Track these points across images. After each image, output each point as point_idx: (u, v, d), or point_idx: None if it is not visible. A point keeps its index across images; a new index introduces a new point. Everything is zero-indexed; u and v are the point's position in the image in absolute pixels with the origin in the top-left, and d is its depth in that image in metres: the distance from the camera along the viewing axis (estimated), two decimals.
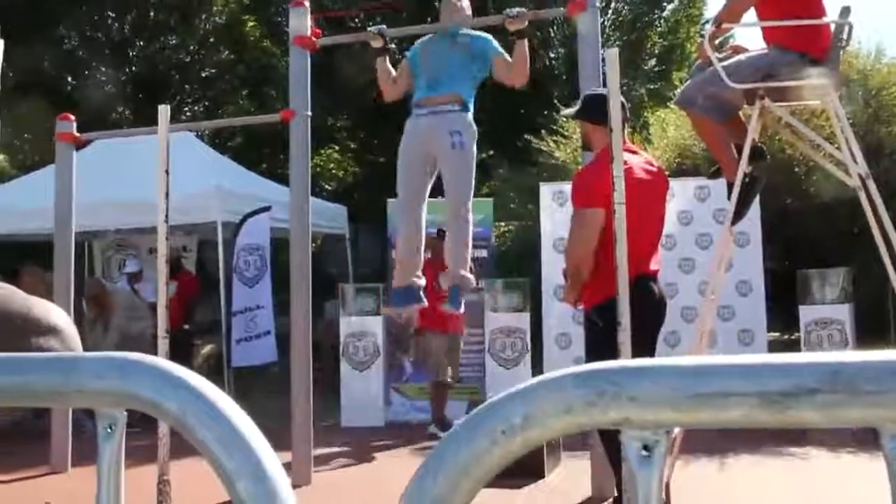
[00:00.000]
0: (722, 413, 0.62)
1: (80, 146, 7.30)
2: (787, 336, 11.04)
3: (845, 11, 4.40)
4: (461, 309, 5.19)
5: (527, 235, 10.86)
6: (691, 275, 8.38)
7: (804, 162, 9.73)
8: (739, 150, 4.45)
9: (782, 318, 9.84)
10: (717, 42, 4.66)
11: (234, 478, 0.67)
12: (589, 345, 4.36)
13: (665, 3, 21.22)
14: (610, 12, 20.17)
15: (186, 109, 21.22)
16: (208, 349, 12.57)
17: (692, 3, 21.27)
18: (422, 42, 5.32)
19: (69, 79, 19.81)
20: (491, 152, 16.70)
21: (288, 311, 6.21)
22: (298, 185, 6.14)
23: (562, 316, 8.21)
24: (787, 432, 6.11)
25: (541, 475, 5.69)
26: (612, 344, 3.90)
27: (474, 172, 4.95)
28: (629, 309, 3.85)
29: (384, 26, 5.28)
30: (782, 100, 4.53)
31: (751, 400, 0.60)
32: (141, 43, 20.79)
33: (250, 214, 9.80)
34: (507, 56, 5.09)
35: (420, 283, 5.08)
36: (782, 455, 6.32)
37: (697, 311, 7.42)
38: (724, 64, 4.42)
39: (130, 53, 20.77)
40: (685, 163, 10.77)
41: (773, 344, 8.93)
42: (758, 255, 8.33)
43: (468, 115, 4.94)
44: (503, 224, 11.91)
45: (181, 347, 9.30)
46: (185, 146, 9.44)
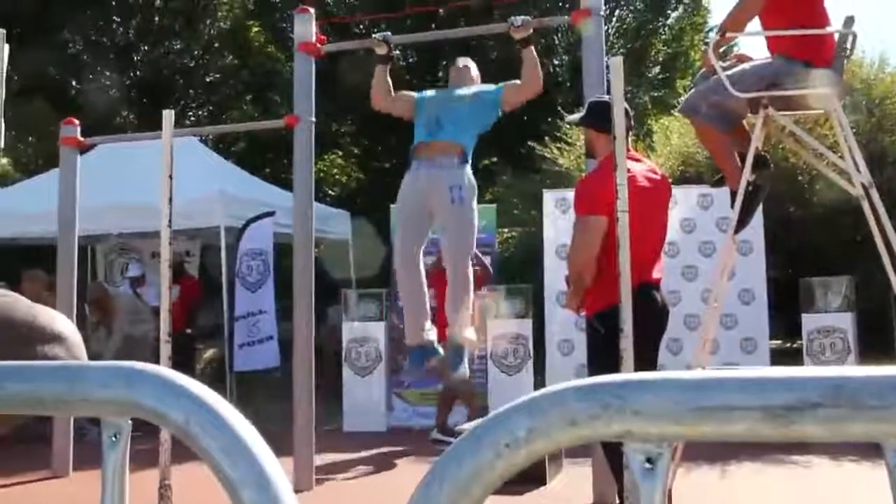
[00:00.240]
0: (725, 427, 0.62)
1: (83, 150, 7.32)
2: (789, 344, 11.03)
3: (849, 21, 4.41)
4: (464, 370, 4.99)
5: (530, 242, 10.86)
6: (694, 282, 8.38)
7: (807, 171, 9.73)
8: (743, 158, 4.46)
9: (785, 327, 9.84)
10: (721, 51, 4.67)
11: (237, 487, 0.68)
12: (590, 352, 4.36)
13: (669, 11, 21.25)
14: (614, 20, 20.20)
15: (190, 114, 21.27)
16: (211, 353, 12.58)
17: (696, 11, 21.29)
18: (432, 92, 5.24)
19: (73, 83, 19.85)
20: (494, 159, 16.72)
21: (290, 317, 6.21)
22: (302, 190, 6.15)
23: (564, 322, 8.21)
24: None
25: (543, 482, 5.69)
26: (613, 351, 3.90)
27: (476, 228, 4.85)
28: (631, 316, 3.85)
29: (389, 33, 5.27)
30: (786, 109, 4.53)
31: (754, 414, 0.60)
32: (145, 47, 20.83)
33: (253, 219, 9.81)
34: (513, 81, 5.06)
35: (432, 338, 4.93)
36: (784, 463, 6.31)
37: (700, 319, 7.41)
38: (729, 73, 4.42)
39: (135, 58, 20.82)
40: (688, 170, 10.78)
41: (775, 352, 8.93)
42: (761, 263, 8.33)
43: (467, 168, 4.83)
44: (506, 230, 11.93)
45: (183, 352, 9.30)
46: (188, 151, 9.45)
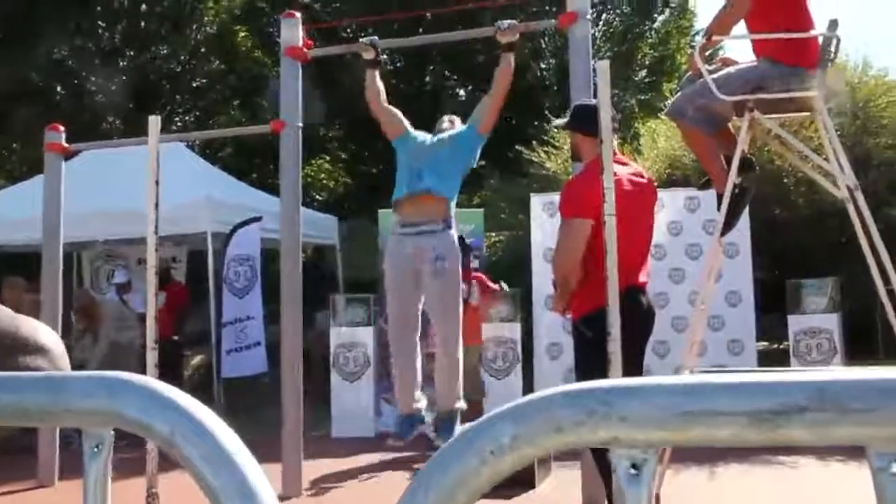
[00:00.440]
0: (711, 432, 0.62)
1: (69, 156, 7.28)
2: (776, 346, 11.06)
3: (833, 24, 4.43)
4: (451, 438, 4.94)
5: (517, 246, 10.87)
6: (681, 285, 8.40)
7: (793, 173, 9.78)
8: (729, 161, 4.48)
9: (771, 328, 9.87)
10: (707, 54, 4.69)
11: (220, 496, 0.67)
12: (578, 355, 4.36)
13: (656, 15, 21.33)
14: (601, 23, 20.27)
15: (177, 119, 21.19)
16: (198, 360, 12.53)
17: (682, 14, 21.39)
18: (420, 135, 5.17)
19: (58, 88, 19.76)
20: (482, 163, 16.69)
21: (278, 322, 6.19)
22: (289, 195, 6.13)
23: (553, 326, 8.21)
24: None
25: (531, 485, 5.68)
26: (600, 354, 3.91)
27: (460, 295, 4.80)
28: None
29: (376, 38, 5.26)
30: (771, 112, 4.55)
31: (740, 419, 0.60)
32: (131, 53, 20.75)
33: (240, 225, 9.79)
34: (479, 104, 5.00)
35: (421, 407, 4.91)
36: (771, 464, 6.33)
37: (688, 321, 7.43)
38: (714, 76, 4.44)
39: (121, 63, 20.73)
40: (675, 173, 10.82)
41: (762, 354, 8.96)
42: (747, 265, 8.36)
43: (451, 233, 4.76)
44: (494, 234, 11.93)
45: (170, 358, 9.27)
46: (175, 156, 9.42)
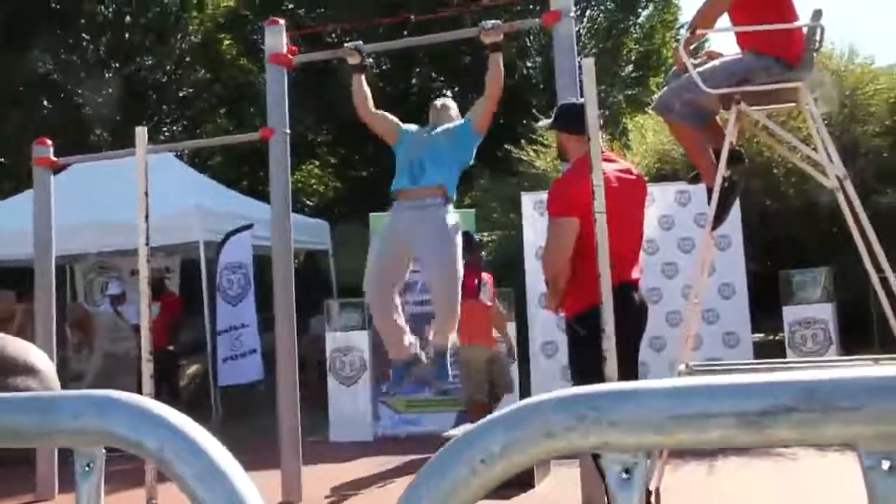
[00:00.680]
0: (701, 435, 0.62)
1: (57, 170, 7.26)
2: (772, 337, 11.09)
3: (817, 14, 4.44)
4: (449, 376, 5.07)
5: (509, 245, 10.87)
6: (674, 279, 8.41)
7: (782, 164, 9.80)
8: (718, 154, 4.48)
9: (766, 319, 9.89)
10: (692, 48, 4.70)
11: None
12: (572, 354, 4.36)
13: (640, 10, 21.36)
14: (585, 20, 20.29)
15: (165, 129, 21.15)
16: (194, 369, 12.50)
17: (666, 8, 21.42)
18: (415, 128, 5.19)
19: (45, 102, 19.70)
20: (472, 162, 16.71)
21: (273, 329, 6.19)
22: (279, 201, 6.13)
23: (547, 324, 8.21)
24: None
25: (530, 485, 5.68)
26: (595, 352, 3.91)
27: (460, 266, 4.81)
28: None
29: (361, 42, 5.26)
30: (758, 104, 4.56)
31: (728, 420, 0.60)
32: (117, 65, 20.70)
33: (232, 233, 9.77)
34: (476, 104, 5.04)
35: (413, 349, 4.96)
36: (770, 456, 6.34)
37: (682, 316, 7.44)
38: (700, 70, 4.44)
39: (106, 75, 20.69)
40: (665, 168, 10.83)
41: (757, 345, 8.98)
42: (739, 257, 8.38)
43: (450, 207, 4.83)
44: (485, 234, 11.92)
45: (166, 368, 9.25)
46: (163, 166, 9.41)
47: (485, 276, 7.54)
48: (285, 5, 19.15)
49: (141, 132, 5.01)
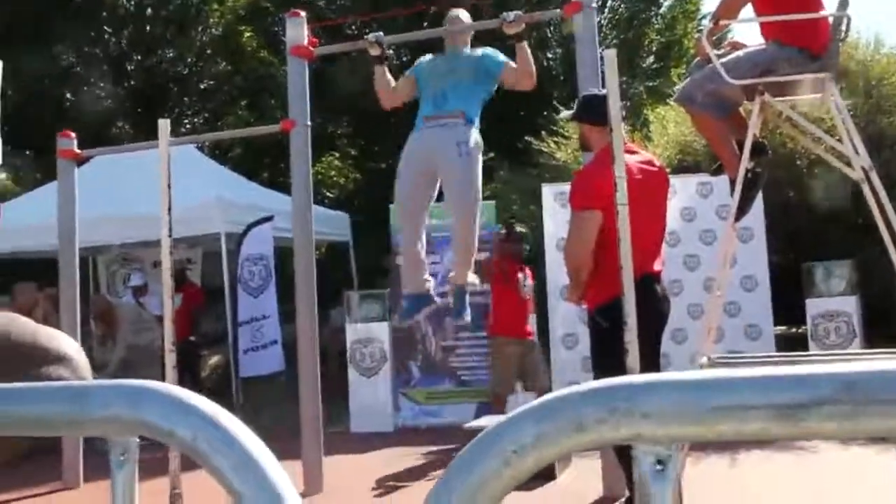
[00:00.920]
0: (736, 427, 0.61)
1: (80, 162, 7.31)
2: (794, 329, 11.01)
3: (843, 3, 4.39)
4: (468, 313, 5.16)
5: (530, 237, 10.84)
6: (696, 271, 8.37)
7: (806, 155, 9.71)
8: (741, 145, 4.45)
9: (788, 312, 9.82)
10: (714, 38, 4.66)
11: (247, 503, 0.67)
12: (594, 346, 4.36)
13: (661, 0, 21.20)
14: (606, 10, 20.16)
15: (186, 122, 21.25)
16: (215, 360, 12.60)
17: None
18: (427, 61, 5.28)
19: (68, 95, 19.84)
20: (491, 154, 16.66)
21: (293, 320, 6.21)
22: (300, 193, 6.15)
23: (567, 316, 8.19)
24: None
25: (551, 477, 5.68)
26: (617, 344, 3.90)
27: (480, 181, 4.92)
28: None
29: (381, 34, 5.27)
30: (782, 95, 4.52)
31: (765, 412, 0.60)
32: (138, 57, 20.81)
33: (253, 225, 9.82)
34: (512, 63, 5.07)
35: (430, 286, 5.07)
36: (792, 449, 6.31)
37: (703, 308, 7.41)
38: (723, 60, 4.41)
39: (128, 68, 20.80)
40: (686, 159, 10.75)
41: (780, 338, 8.91)
42: (762, 249, 8.32)
43: (474, 128, 4.90)
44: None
45: (188, 359, 9.32)
46: (185, 158, 9.46)
47: (526, 270, 7.53)
48: None
49: (164, 125, 5.03)
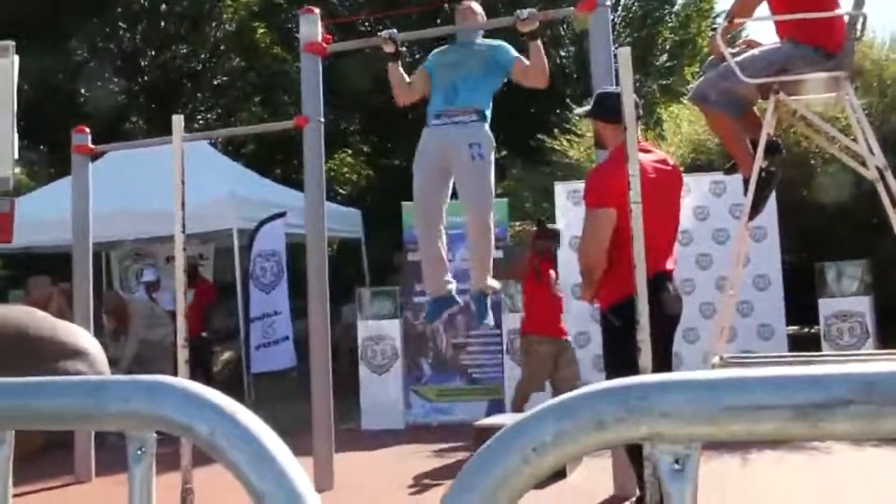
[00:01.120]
0: (754, 426, 0.61)
1: (94, 157, 7.34)
2: (807, 330, 10.97)
3: (859, 2, 4.36)
4: (490, 317, 5.14)
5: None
6: (708, 270, 8.35)
7: (820, 154, 9.67)
8: (755, 144, 4.43)
9: (801, 312, 9.78)
10: (728, 37, 4.64)
11: (265, 500, 0.67)
12: (606, 345, 4.35)
13: None
14: (620, 9, 20.11)
15: (199, 117, 21.31)
16: (227, 356, 12.63)
17: None
18: (438, 52, 5.28)
19: (82, 90, 19.93)
20: (504, 152, 16.68)
21: (305, 316, 6.22)
22: (313, 190, 6.15)
23: (579, 314, 8.18)
24: None
25: (562, 475, 5.67)
26: (630, 343, 3.89)
27: (494, 183, 4.91)
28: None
29: (395, 30, 5.26)
30: (796, 93, 4.50)
31: (783, 413, 0.60)
32: (152, 53, 20.88)
33: (265, 221, 9.83)
34: (524, 59, 5.06)
35: (452, 288, 5.05)
36: (805, 449, 6.28)
37: (715, 307, 7.39)
38: (738, 59, 4.39)
39: (142, 63, 20.87)
40: (699, 158, 10.72)
41: (792, 338, 8.88)
42: (775, 249, 8.29)
43: (486, 125, 4.89)
44: (518, 224, 11.89)
45: (200, 355, 9.35)
46: (198, 154, 9.47)
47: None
48: None
49: (178, 120, 5.04)
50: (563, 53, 19.88)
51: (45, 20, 18.00)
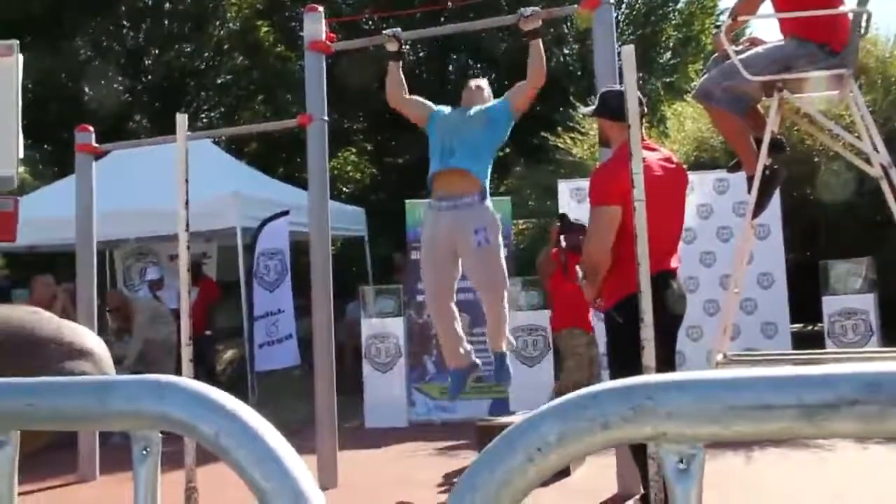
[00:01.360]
0: (760, 426, 0.61)
1: (98, 156, 7.35)
2: (811, 327, 10.96)
3: None
4: (510, 377, 5.10)
5: (546, 233, 10.82)
6: (712, 268, 8.34)
7: (823, 152, 9.65)
8: (759, 142, 4.42)
9: (804, 309, 9.77)
10: (733, 34, 4.63)
11: (270, 499, 0.67)
12: (610, 343, 4.35)
13: None
14: (623, 6, 20.08)
15: (203, 116, 21.32)
16: (231, 354, 12.64)
17: None
18: (446, 109, 5.16)
19: (85, 89, 19.95)
20: (507, 150, 16.68)
21: (309, 315, 6.22)
22: (317, 188, 6.15)
23: None
24: None
25: (566, 473, 5.67)
26: (633, 341, 3.88)
27: (504, 262, 4.89)
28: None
29: (398, 29, 5.26)
30: (800, 91, 4.49)
31: (790, 412, 0.60)
32: (156, 51, 20.89)
33: (269, 219, 9.83)
34: (516, 86, 5.04)
35: (471, 356, 5.03)
36: (809, 447, 6.27)
37: (719, 305, 7.38)
38: (741, 57, 4.39)
39: (146, 62, 20.89)
40: (703, 156, 10.71)
41: (796, 336, 8.87)
42: (779, 246, 8.28)
43: (487, 204, 4.84)
44: (521, 222, 11.89)
45: (203, 353, 9.36)
46: (201, 152, 9.49)
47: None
48: None
49: (181, 119, 5.03)
50: (566, 51, 19.86)
51: (49, 19, 18.02)
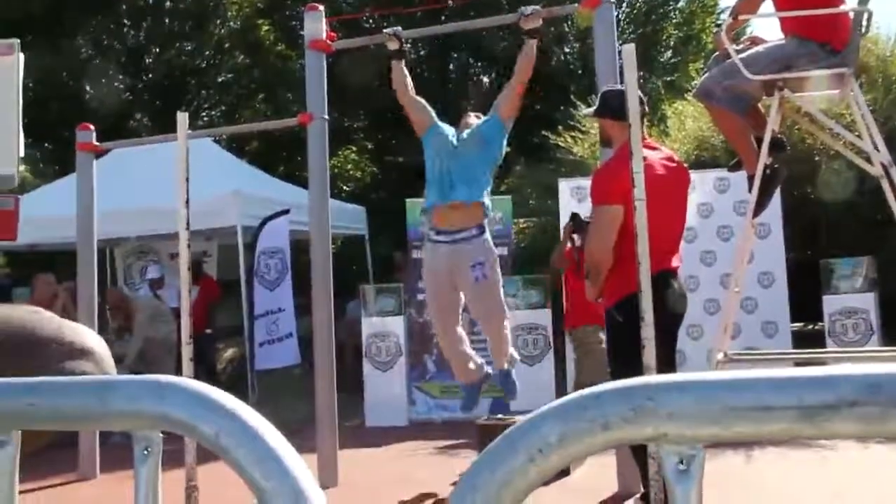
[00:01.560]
0: (760, 427, 0.61)
1: (99, 155, 7.35)
2: (811, 326, 10.95)
3: None
4: (517, 391, 5.13)
5: (546, 232, 10.82)
6: (713, 267, 8.34)
7: (824, 151, 9.65)
8: (759, 141, 4.42)
9: (805, 308, 9.78)
10: (733, 33, 4.63)
11: (270, 499, 0.68)
12: (611, 342, 4.35)
13: None
14: (624, 5, 20.07)
15: (203, 115, 21.31)
16: (231, 353, 12.64)
17: None
18: (444, 129, 5.13)
19: (86, 88, 19.95)
20: (508, 149, 16.66)
21: (309, 313, 6.23)
22: (317, 187, 6.16)
23: None
24: None
25: (566, 472, 5.67)
26: (634, 340, 3.88)
27: (502, 294, 4.95)
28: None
29: (399, 28, 5.26)
30: (801, 90, 4.49)
31: (790, 413, 0.60)
32: (156, 50, 20.89)
33: (269, 218, 9.83)
34: (501, 94, 5.07)
35: (481, 367, 5.09)
36: (810, 447, 6.27)
37: (720, 304, 7.38)
38: (742, 56, 4.38)
39: (146, 61, 20.88)
40: (704, 155, 10.70)
41: (796, 335, 8.87)
42: (779, 245, 8.28)
43: (486, 237, 4.87)
44: (522, 221, 11.89)
45: (203, 351, 9.36)
46: (202, 151, 9.49)
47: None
48: None
49: (182, 118, 5.03)
50: (567, 50, 19.85)
51: (50, 18, 18.01)
